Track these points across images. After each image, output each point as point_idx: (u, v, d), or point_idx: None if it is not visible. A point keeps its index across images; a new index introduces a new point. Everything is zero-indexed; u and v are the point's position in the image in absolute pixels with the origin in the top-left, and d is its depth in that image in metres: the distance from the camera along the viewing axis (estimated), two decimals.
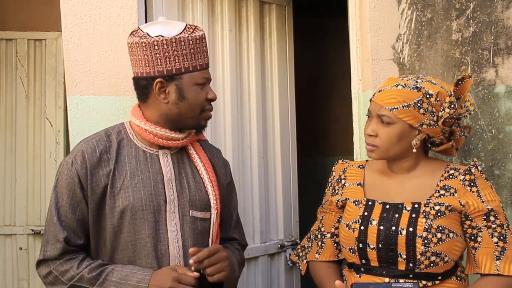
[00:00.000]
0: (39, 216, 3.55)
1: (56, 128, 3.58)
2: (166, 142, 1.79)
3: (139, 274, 1.65)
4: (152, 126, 1.77)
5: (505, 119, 2.37)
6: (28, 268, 3.55)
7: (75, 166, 1.72)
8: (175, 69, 1.73)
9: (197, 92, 1.77)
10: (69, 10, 2.19)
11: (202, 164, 1.86)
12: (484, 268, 1.74)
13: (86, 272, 1.66)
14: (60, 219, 1.71)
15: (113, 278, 1.65)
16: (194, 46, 1.74)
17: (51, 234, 1.71)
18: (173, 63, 1.73)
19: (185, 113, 1.77)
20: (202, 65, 1.77)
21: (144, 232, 1.72)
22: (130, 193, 1.73)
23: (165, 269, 1.66)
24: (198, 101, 1.77)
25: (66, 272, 1.68)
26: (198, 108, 1.78)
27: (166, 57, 1.72)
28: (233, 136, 2.63)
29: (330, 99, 4.50)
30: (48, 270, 1.71)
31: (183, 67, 1.74)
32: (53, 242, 1.70)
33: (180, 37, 1.72)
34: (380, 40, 2.36)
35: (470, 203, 1.74)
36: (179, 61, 1.73)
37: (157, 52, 1.72)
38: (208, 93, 1.80)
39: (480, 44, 2.39)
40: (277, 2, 2.86)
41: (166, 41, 1.71)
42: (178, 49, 1.72)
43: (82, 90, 2.20)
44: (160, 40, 1.71)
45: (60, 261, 1.70)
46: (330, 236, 1.97)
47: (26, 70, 3.61)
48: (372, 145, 1.81)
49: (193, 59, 1.75)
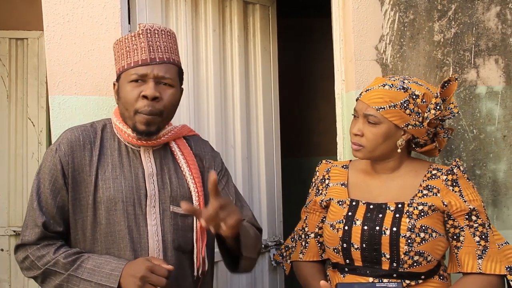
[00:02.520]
0: (21, 217, 3.51)
1: (38, 128, 3.55)
2: (139, 142, 1.78)
3: (113, 262, 1.65)
4: (125, 126, 1.78)
5: (486, 119, 2.40)
6: (10, 269, 3.52)
7: (58, 153, 1.73)
8: (117, 69, 1.79)
9: (127, 90, 1.72)
10: (51, 9, 2.17)
11: (184, 161, 1.84)
12: (466, 267, 1.75)
13: (62, 257, 1.66)
14: (40, 205, 1.71)
15: (88, 265, 1.65)
16: (129, 44, 1.75)
17: (30, 219, 1.71)
18: (117, 63, 1.79)
19: (123, 112, 1.77)
20: (137, 62, 1.72)
21: (124, 224, 1.72)
22: (111, 184, 1.73)
23: (140, 259, 1.65)
24: (129, 99, 1.72)
25: (43, 257, 1.68)
26: (131, 108, 1.72)
27: (115, 59, 1.81)
28: (217, 136, 2.63)
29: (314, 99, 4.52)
30: (25, 254, 1.71)
31: (121, 66, 1.77)
32: (32, 227, 1.70)
33: (121, 38, 1.77)
34: (363, 40, 2.37)
35: (452, 202, 1.76)
36: (119, 61, 1.78)
37: (114, 55, 1.82)
38: (144, 90, 1.70)
39: (462, 45, 2.41)
40: (261, 2, 2.86)
41: (115, 44, 1.80)
42: (120, 49, 1.77)
43: (64, 89, 2.18)
44: (114, 43, 1.81)
45: (37, 246, 1.70)
46: (314, 236, 1.98)
47: (8, 69, 3.57)
48: (358, 144, 1.82)
49: (128, 57, 1.75)
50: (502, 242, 1.78)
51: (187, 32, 2.51)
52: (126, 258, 1.70)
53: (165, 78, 1.73)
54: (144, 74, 1.71)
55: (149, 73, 1.71)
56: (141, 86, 1.71)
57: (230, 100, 2.73)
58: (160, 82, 1.73)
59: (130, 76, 1.72)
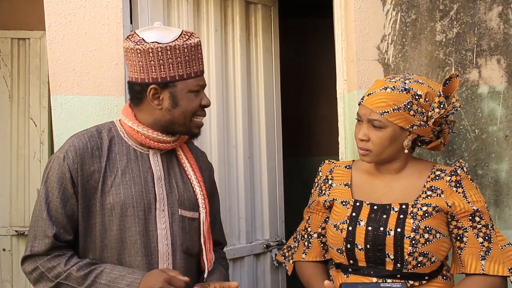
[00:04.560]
0: (23, 217, 3.51)
1: (40, 128, 3.55)
2: (157, 144, 1.80)
3: (128, 277, 1.63)
4: (145, 128, 1.78)
5: (488, 119, 2.39)
6: (12, 269, 3.51)
7: (66, 161, 1.71)
8: (169, 77, 1.73)
9: (190, 99, 1.77)
10: (53, 9, 2.17)
11: (189, 165, 1.87)
12: (469, 268, 1.75)
13: (74, 270, 1.64)
14: (50, 214, 1.68)
15: (102, 281, 1.63)
16: (188, 54, 1.74)
17: (39, 229, 1.68)
18: (167, 70, 1.73)
19: (178, 120, 1.78)
20: (196, 72, 1.77)
21: (134, 230, 1.72)
22: (121, 190, 1.73)
23: (156, 271, 1.65)
24: (191, 108, 1.78)
25: (53, 268, 1.66)
26: (190, 115, 1.79)
27: (160, 64, 1.72)
28: (219, 136, 2.63)
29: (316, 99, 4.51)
30: (34, 266, 1.68)
31: (177, 74, 1.73)
32: (42, 238, 1.67)
33: (175, 45, 1.71)
34: (365, 40, 2.37)
35: (456, 204, 1.76)
36: (173, 68, 1.73)
37: (152, 59, 1.71)
38: (202, 99, 1.81)
39: (464, 45, 2.41)
40: (262, 2, 2.86)
41: (161, 48, 1.70)
42: (173, 56, 1.72)
43: (66, 89, 2.18)
44: (155, 47, 1.70)
45: (47, 257, 1.67)
46: (316, 236, 1.98)
47: (10, 69, 3.56)
48: (365, 149, 1.82)
49: (187, 67, 1.75)
50: (505, 243, 1.78)
51: None
52: (137, 264, 1.70)
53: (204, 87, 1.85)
54: (203, 85, 1.81)
55: (203, 84, 1.82)
56: (198, 96, 1.80)
57: (232, 99, 2.73)
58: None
59: (194, 86, 1.77)
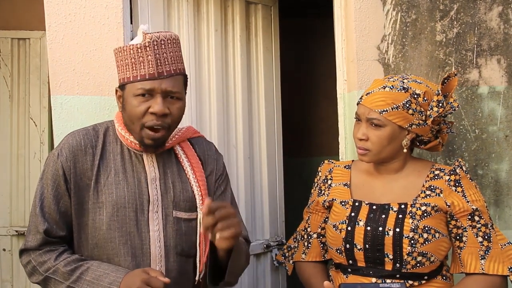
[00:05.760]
0: (23, 217, 3.51)
1: (40, 128, 3.55)
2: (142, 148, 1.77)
3: (112, 275, 1.64)
4: (128, 133, 1.76)
5: (488, 119, 2.39)
6: (12, 269, 3.51)
7: (60, 159, 1.73)
8: (121, 79, 1.74)
9: (133, 105, 1.68)
10: (53, 9, 2.17)
11: (189, 164, 1.83)
12: (469, 268, 1.75)
13: (62, 265, 1.67)
14: (42, 210, 1.71)
15: (87, 277, 1.65)
16: (135, 55, 1.69)
17: (33, 224, 1.73)
18: (120, 72, 1.74)
19: (129, 125, 1.74)
20: (144, 75, 1.67)
21: (125, 230, 1.72)
22: (114, 190, 1.73)
23: (137, 270, 1.64)
24: (134, 113, 1.68)
25: (44, 263, 1.69)
26: (137, 122, 1.69)
27: (118, 66, 1.75)
28: (219, 136, 2.63)
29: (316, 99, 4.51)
30: (28, 259, 1.73)
31: (125, 77, 1.72)
32: (34, 233, 1.72)
33: (124, 47, 1.72)
34: (365, 40, 2.37)
35: (455, 203, 1.76)
36: (123, 70, 1.73)
37: (116, 61, 1.76)
38: (152, 106, 1.67)
39: (464, 45, 2.41)
40: (263, 2, 2.86)
41: (117, 50, 1.74)
42: (123, 58, 1.72)
43: (66, 89, 2.18)
44: (116, 49, 1.75)
45: (40, 251, 1.71)
46: (316, 237, 1.98)
47: (10, 69, 3.57)
48: (364, 149, 1.82)
49: (134, 69, 1.69)
50: (505, 243, 1.78)
51: (189, 32, 2.51)
52: (127, 265, 1.70)
53: (172, 92, 1.70)
54: (151, 89, 1.67)
55: (156, 88, 1.67)
56: (148, 101, 1.67)
57: (232, 99, 2.73)
58: (167, 96, 1.70)
59: (137, 90, 1.67)
